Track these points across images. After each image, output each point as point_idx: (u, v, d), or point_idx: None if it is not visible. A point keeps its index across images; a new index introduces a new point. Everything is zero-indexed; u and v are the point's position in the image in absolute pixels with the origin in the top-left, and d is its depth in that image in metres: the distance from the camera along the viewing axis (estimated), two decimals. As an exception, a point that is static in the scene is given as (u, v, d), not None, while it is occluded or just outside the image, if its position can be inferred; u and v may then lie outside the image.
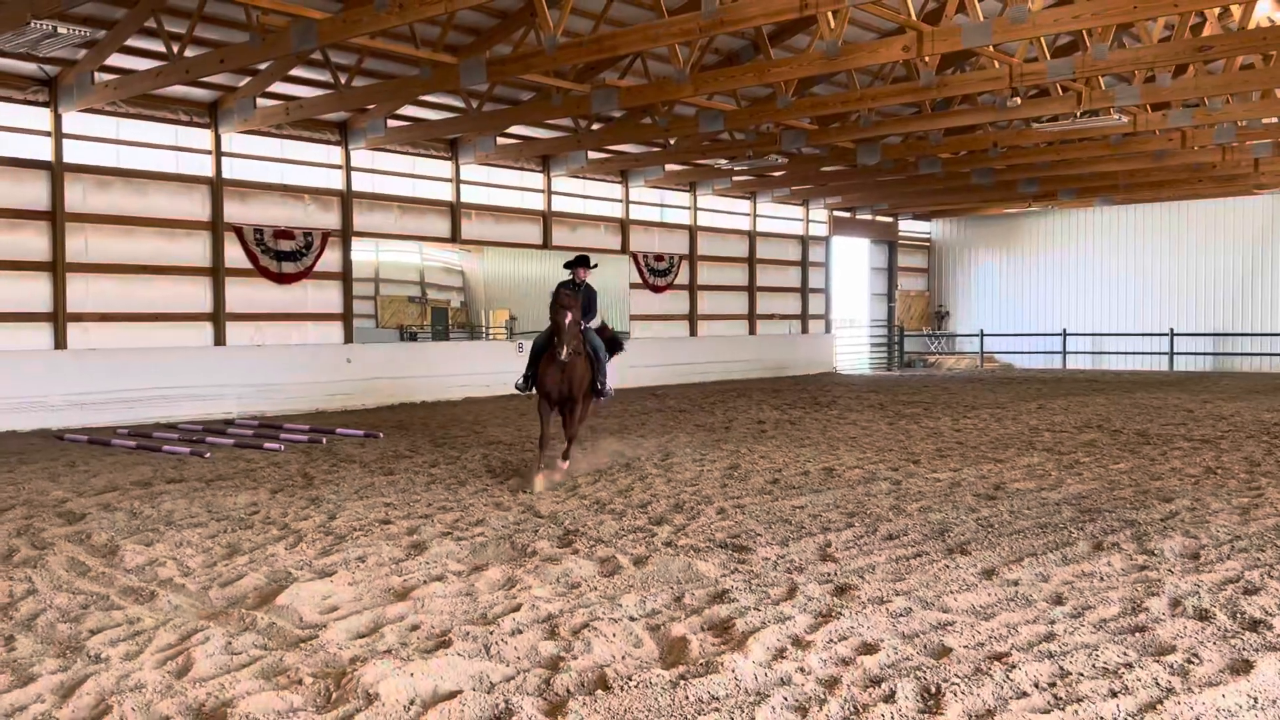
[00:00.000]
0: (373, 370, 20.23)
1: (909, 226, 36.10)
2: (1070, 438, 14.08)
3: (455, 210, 22.18)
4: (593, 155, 23.48)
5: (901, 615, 5.69)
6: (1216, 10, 17.06)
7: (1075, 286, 34.16)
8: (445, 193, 22.15)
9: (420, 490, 10.14)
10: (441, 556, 7.23)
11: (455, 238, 22.43)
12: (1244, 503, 9.07)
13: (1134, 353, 32.74)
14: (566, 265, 11.39)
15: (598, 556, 7.15)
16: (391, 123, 19.82)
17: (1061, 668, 4.80)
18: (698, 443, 13.69)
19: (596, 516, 8.68)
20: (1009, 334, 34.87)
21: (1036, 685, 4.61)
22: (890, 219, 34.82)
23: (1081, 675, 4.71)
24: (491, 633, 5.36)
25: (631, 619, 5.67)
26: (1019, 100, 17.54)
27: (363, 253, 21.41)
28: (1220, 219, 31.66)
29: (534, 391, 11.05)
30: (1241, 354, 31.42)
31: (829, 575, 6.64)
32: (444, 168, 22.12)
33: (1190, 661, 4.87)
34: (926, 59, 15.15)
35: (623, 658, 5.08)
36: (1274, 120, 20.83)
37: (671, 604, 5.97)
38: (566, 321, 10.50)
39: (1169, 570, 6.66)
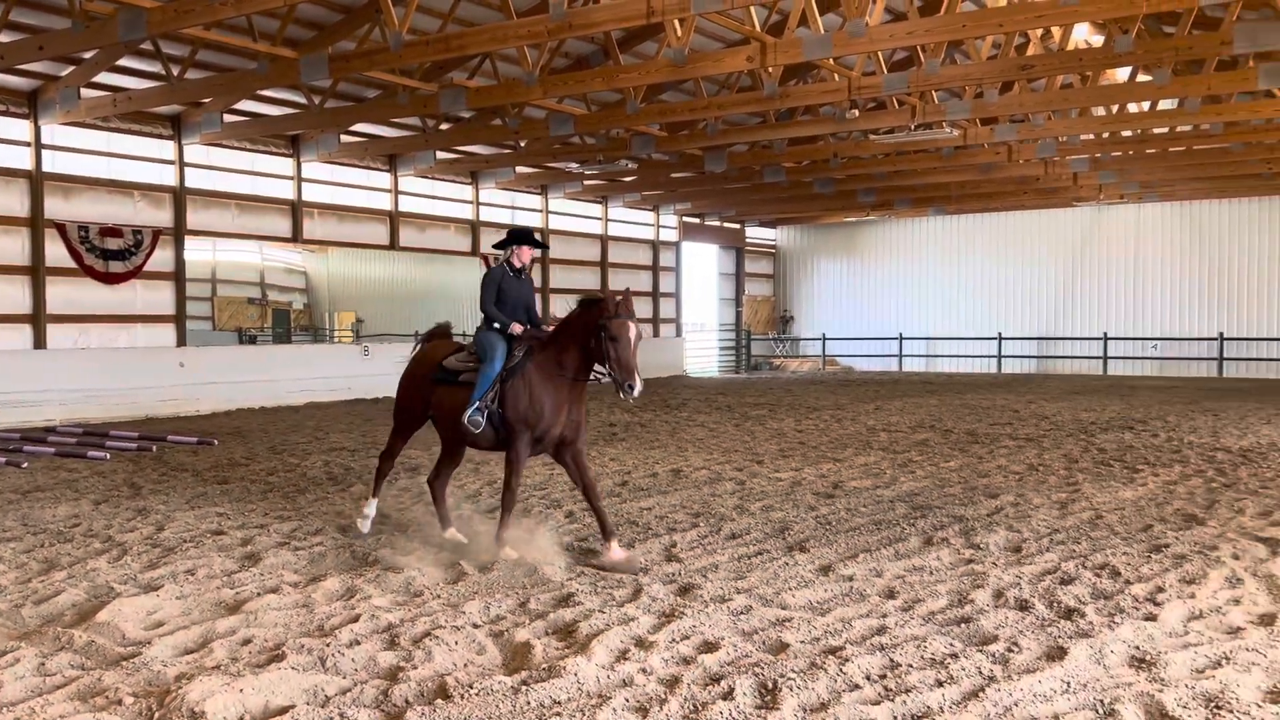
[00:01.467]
0: (208, 374, 19.40)
1: (756, 233, 36.91)
2: (905, 437, 14.63)
3: (297, 209, 21.51)
4: (441, 155, 23.16)
5: (742, 613, 5.80)
6: (1039, 31, 18.04)
7: (911, 292, 35.56)
8: (286, 191, 21.45)
9: (256, 499, 9.78)
10: (277, 567, 6.99)
11: (297, 237, 21.76)
12: (1062, 498, 9.59)
13: (965, 355, 34.29)
14: (499, 245, 7.91)
15: (442, 563, 7.04)
16: (228, 118, 19.08)
17: (892, 660, 4.97)
18: (546, 446, 13.64)
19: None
20: (850, 338, 36.02)
21: (868, 678, 4.76)
22: (738, 225, 35.53)
23: (910, 667, 4.89)
24: (328, 645, 5.21)
25: (475, 626, 5.60)
26: (857, 112, 18.15)
27: (198, 252, 20.56)
28: (1044, 229, 33.47)
29: (520, 443, 7.36)
30: (1063, 357, 33.29)
31: (673, 575, 6.71)
32: (285, 165, 21.43)
33: (1011, 650, 5.12)
34: (770, 70, 15.50)
35: (464, 665, 5.01)
36: (1091, 137, 22.16)
37: (516, 609, 5.93)
38: (633, 336, 7.22)
39: (993, 563, 7.00)
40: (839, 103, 17.71)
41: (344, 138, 21.19)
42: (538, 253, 8.12)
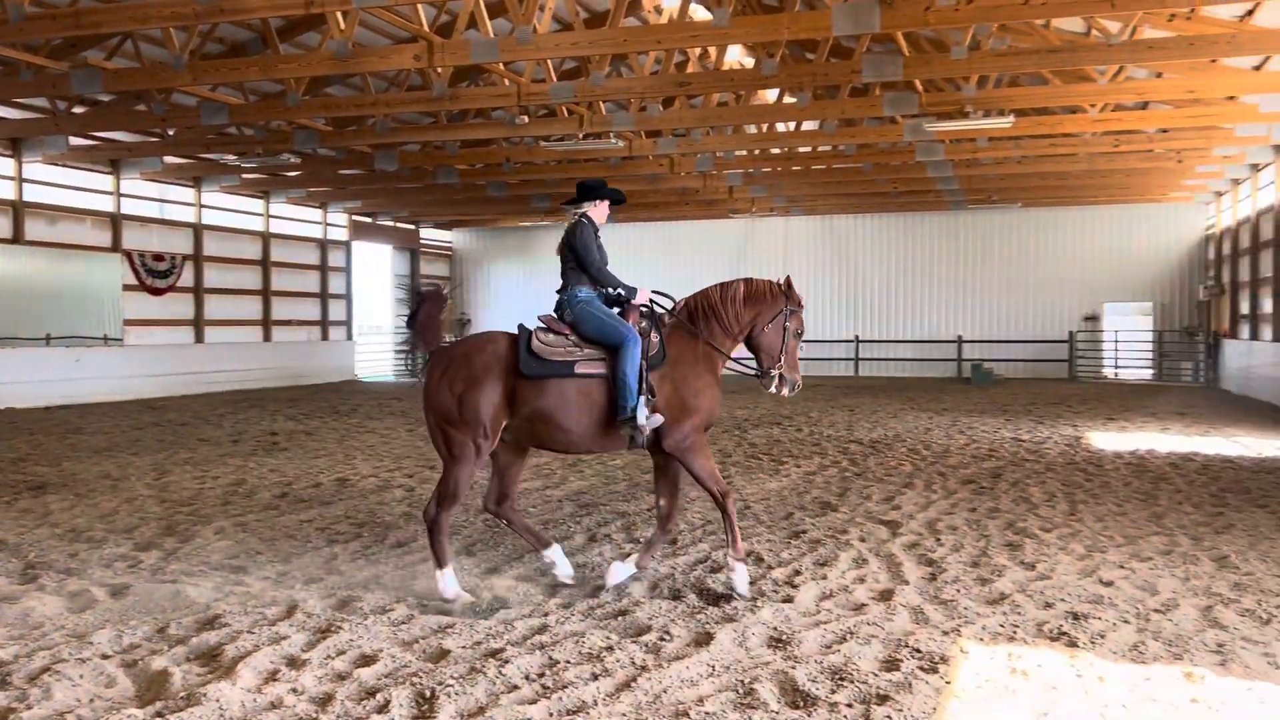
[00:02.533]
0: None
1: (431, 235, 36.47)
2: (576, 438, 14.94)
3: (-103, 196, 18.83)
4: (75, 141, 21.09)
5: (403, 623, 5.67)
6: (698, 51, 19.06)
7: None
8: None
9: None
10: None
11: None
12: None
13: (635, 358, 35.60)
14: (570, 202, 6.88)
15: (67, 591, 6.38)
16: None
17: (551, 658, 5.04)
18: (200, 458, 12.76)
19: (70, 546, 7.75)
20: (525, 341, 36.37)
21: (527, 677, 4.80)
22: (412, 226, 34.95)
23: (568, 663, 4.97)
24: (-81, 692, 4.56)
25: (104, 656, 5.11)
26: (526, 118, 18.37)
27: None
28: (705, 238, 35.44)
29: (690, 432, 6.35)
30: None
31: (332, 589, 6.45)
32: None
33: (663, 639, 5.33)
34: (439, 70, 15.36)
35: (90, 701, 4.56)
36: (744, 152, 23.70)
37: (154, 636, 5.47)
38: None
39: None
40: (509, 107, 17.84)
41: (-43, 117, 18.82)
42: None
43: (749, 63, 20.72)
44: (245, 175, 24.92)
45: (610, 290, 6.39)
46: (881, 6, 12.26)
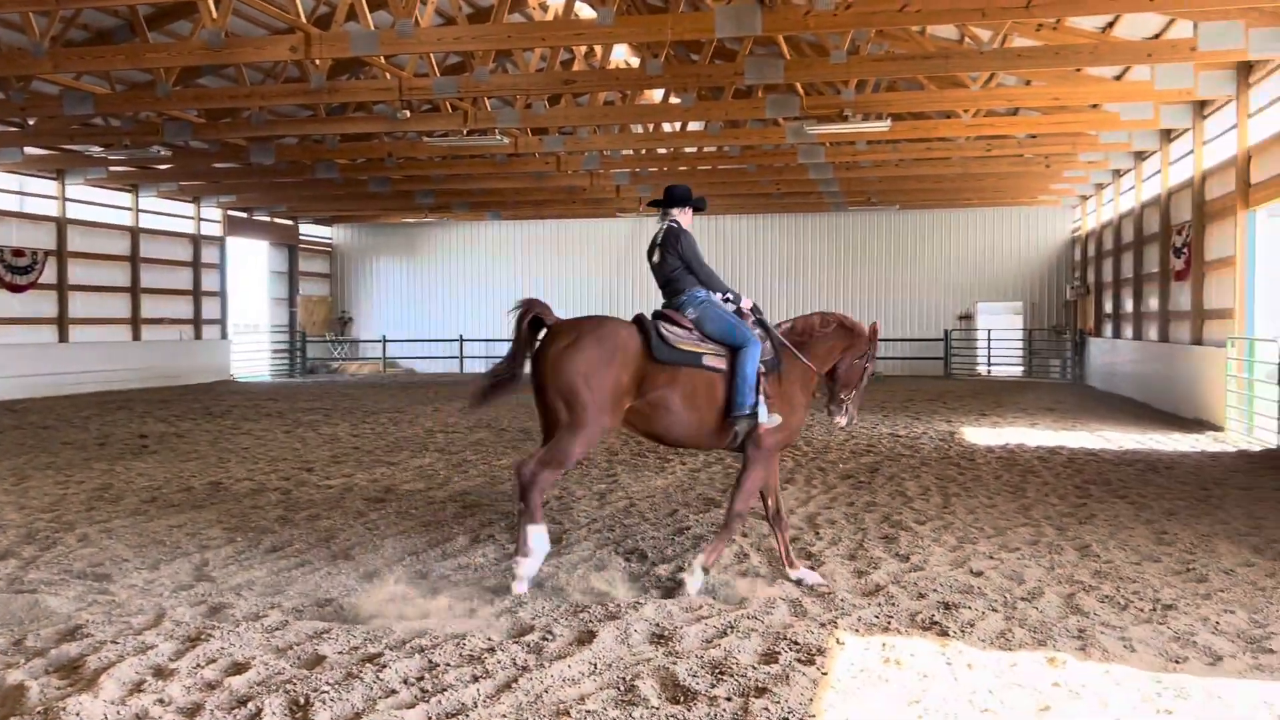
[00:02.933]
0: None
1: (310, 231, 35.61)
2: (462, 438, 14.80)
3: None
4: (-73, 130, 19.96)
5: (277, 629, 5.52)
6: (584, 49, 19.05)
7: (472, 294, 36.14)
8: None
9: None
10: None
11: None
12: (602, 489, 10.16)
13: (522, 357, 35.40)
14: (657, 203, 7.01)
15: (-86, 604, 6.02)
16: None
17: (431, 660, 4.96)
18: (63, 463, 12.20)
19: (-82, 556, 7.32)
20: (411, 339, 35.89)
21: (405, 681, 4.72)
22: (290, 222, 34.06)
23: (449, 665, 4.91)
24: None
25: (-47, 673, 4.84)
26: (409, 113, 18.09)
27: None
28: (593, 236, 35.47)
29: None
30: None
31: (203, 596, 6.24)
32: None
33: (545, 639, 5.31)
34: (317, 62, 15.01)
35: (-64, 721, 4.31)
36: (630, 152, 23.78)
37: (9, 649, 5.21)
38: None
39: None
40: (391, 102, 17.53)
41: None
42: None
43: (635, 62, 20.80)
44: (112, 168, 23.94)
45: (721, 295, 6.69)
46: (763, 10, 12.45)
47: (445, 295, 36.30)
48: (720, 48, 19.50)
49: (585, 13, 17.20)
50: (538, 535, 6.20)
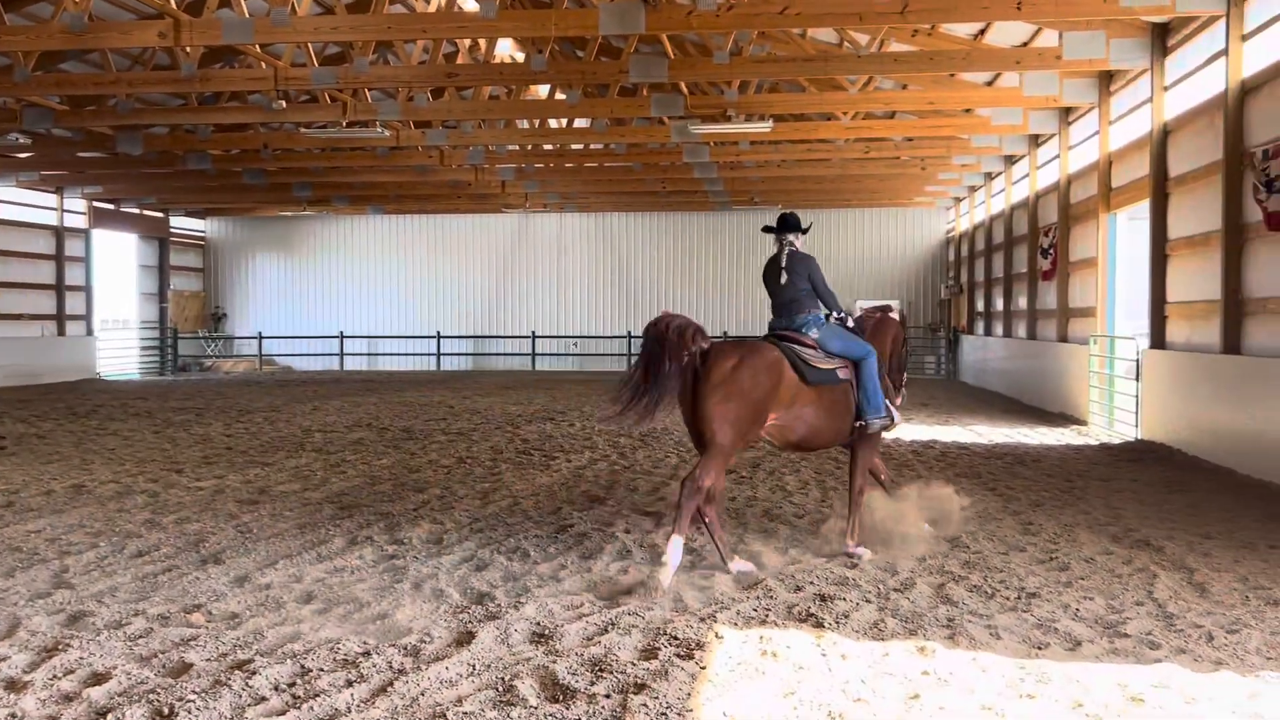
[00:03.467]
0: None
1: (182, 223, 34.38)
2: (340, 437, 14.48)
3: None
4: None
5: (141, 637, 5.30)
6: (468, 42, 18.83)
7: (352, 290, 35.39)
8: None
9: None
10: None
11: None
12: (485, 488, 10.07)
13: (406, 354, 34.87)
14: (772, 229, 7.61)
15: None
16: None
17: (303, 666, 4.84)
18: (-91, 466, 11.52)
19: None
20: (289, 336, 34.98)
21: (276, 688, 4.58)
22: (161, 214, 32.83)
23: (322, 670, 4.79)
24: None
25: None
26: (285, 104, 17.60)
27: None
28: (478, 233, 35.09)
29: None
30: (497, 354, 35.19)
31: (61, 604, 5.96)
32: None
33: (423, 641, 5.22)
34: (188, 49, 14.48)
35: None
36: (516, 147, 23.61)
37: None
38: None
39: (414, 557, 7.12)
40: (267, 91, 17.04)
41: None
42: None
43: (520, 57, 20.67)
44: (-34, 155, 22.69)
45: (837, 314, 7.51)
46: (646, 9, 12.49)
47: (324, 291, 35.48)
48: (605, 45, 19.52)
49: (468, 5, 17.00)
50: (680, 546, 6.39)
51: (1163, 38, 13.99)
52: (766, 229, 7.67)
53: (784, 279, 7.35)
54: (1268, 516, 8.62)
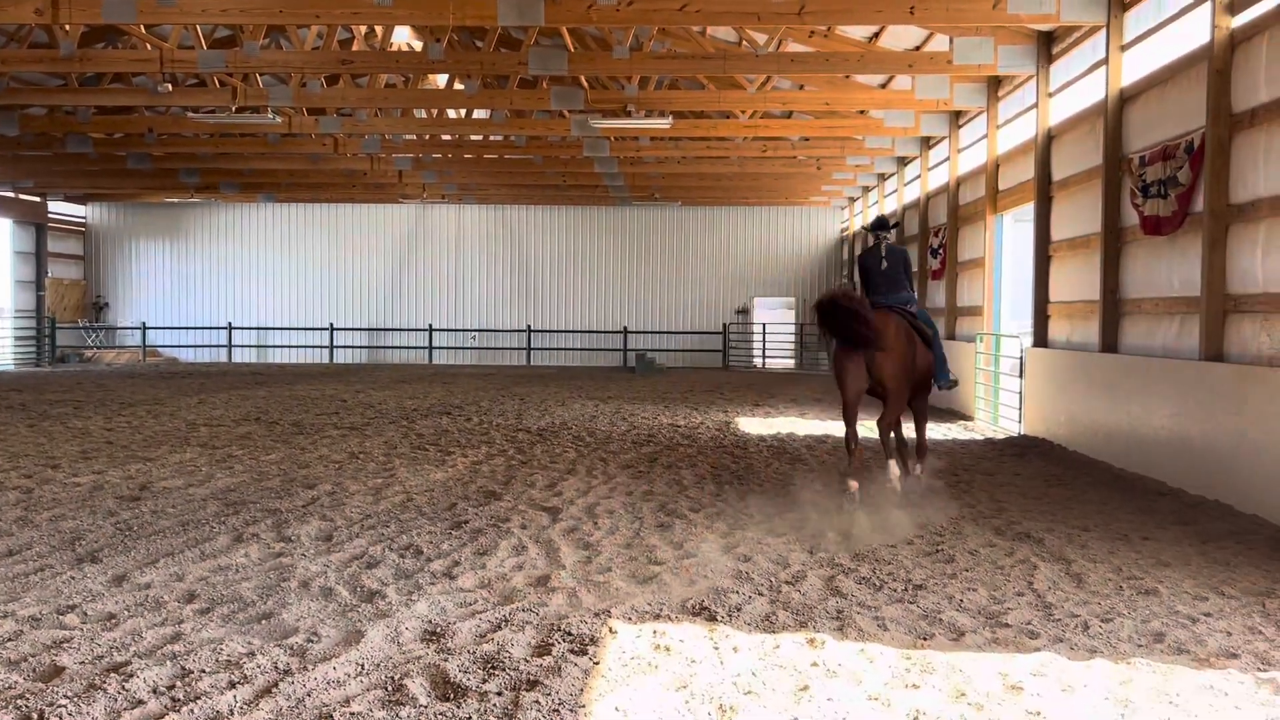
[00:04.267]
0: None
1: (61, 209, 33.01)
2: (228, 431, 14.08)
3: None
4: None
5: (9, 640, 5.06)
6: (364, 29, 18.46)
7: (242, 280, 34.47)
8: None
9: None
10: None
11: None
12: (378, 484, 9.89)
13: (298, 346, 34.10)
14: (872, 228, 9.79)
15: None
16: None
17: (184, 668, 4.68)
18: None
19: None
20: (175, 326, 33.89)
21: (155, 690, 4.42)
22: (38, 199, 31.44)
23: (203, 672, 4.64)
24: None
25: None
26: (171, 87, 17.01)
27: None
28: (374, 223, 34.50)
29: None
30: (393, 347, 34.65)
31: (-79, 607, 5.65)
32: None
33: (310, 640, 5.10)
34: (67, 27, 13.88)
35: None
36: (413, 137, 23.25)
37: None
38: None
39: (303, 554, 6.95)
40: (153, 74, 16.45)
41: None
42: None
43: (417, 46, 20.35)
44: None
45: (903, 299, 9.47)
46: (546, 1, 12.41)
47: (212, 281, 34.48)
48: (505, 36, 19.35)
49: (365, -8, 16.66)
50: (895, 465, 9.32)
51: (1048, 46, 14.47)
52: (865, 227, 10.96)
53: (884, 265, 9.39)
54: (1141, 509, 8.99)
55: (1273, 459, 8.41)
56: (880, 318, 8.59)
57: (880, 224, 9.71)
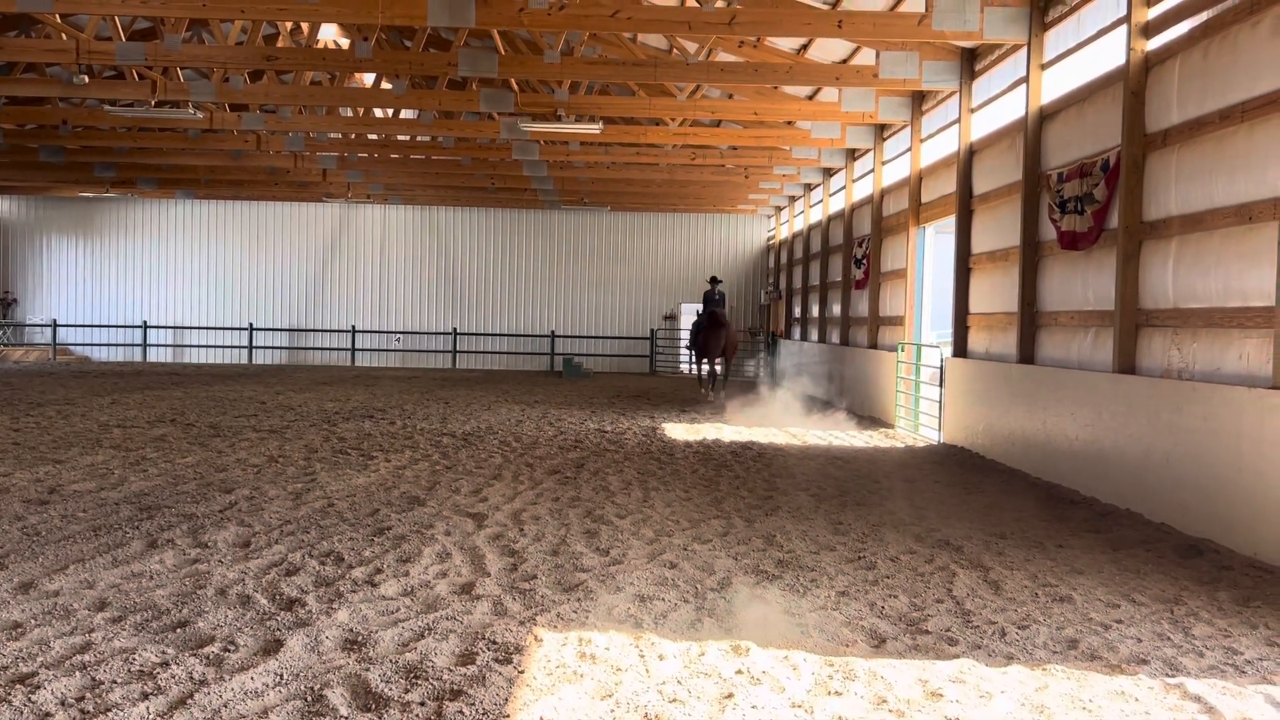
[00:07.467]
0: None
1: (-32, 201, 31.87)
2: (142, 433, 13.71)
3: None
4: None
5: (-94, 652, 4.86)
6: (290, 25, 18.15)
7: (158, 278, 33.62)
8: None
9: None
10: None
11: None
12: (298, 488, 9.71)
13: (216, 346, 33.36)
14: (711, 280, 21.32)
15: None
16: None
17: (94, 678, 4.54)
18: None
19: None
20: (87, 324, 32.91)
21: (63, 703, 4.28)
22: (-57, 190, 30.33)
23: (115, 683, 4.50)
24: None
25: None
26: (87, 79, 16.52)
27: None
28: (296, 222, 33.90)
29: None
30: (314, 348, 34.08)
31: None
32: None
33: (227, 650, 4.98)
34: (-22, 13, 13.41)
35: None
36: (338, 136, 22.91)
37: None
38: None
39: (220, 561, 6.79)
40: (68, 65, 15.95)
41: None
42: None
43: (345, 43, 20.06)
44: None
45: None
46: (477, 3, 12.33)
47: (127, 278, 33.57)
48: (435, 37, 19.18)
49: (291, -13, 16.38)
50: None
51: (971, 62, 14.79)
52: (709, 280, 19.84)
53: (716, 296, 19.81)
54: (1055, 517, 9.22)
55: (1180, 469, 8.69)
56: (720, 318, 19.07)
57: (714, 280, 21.05)
